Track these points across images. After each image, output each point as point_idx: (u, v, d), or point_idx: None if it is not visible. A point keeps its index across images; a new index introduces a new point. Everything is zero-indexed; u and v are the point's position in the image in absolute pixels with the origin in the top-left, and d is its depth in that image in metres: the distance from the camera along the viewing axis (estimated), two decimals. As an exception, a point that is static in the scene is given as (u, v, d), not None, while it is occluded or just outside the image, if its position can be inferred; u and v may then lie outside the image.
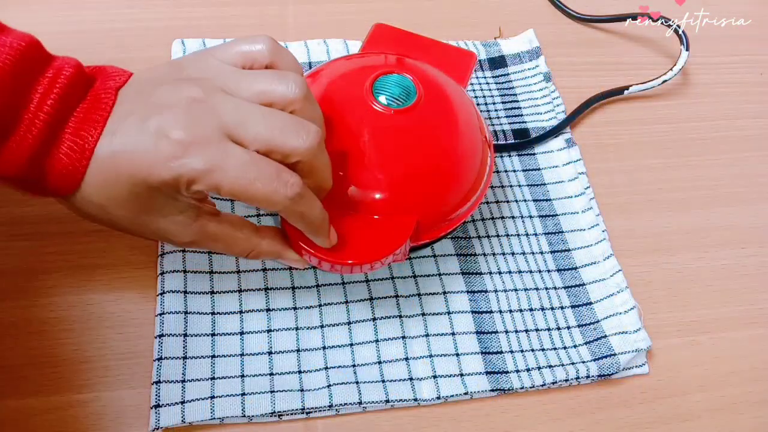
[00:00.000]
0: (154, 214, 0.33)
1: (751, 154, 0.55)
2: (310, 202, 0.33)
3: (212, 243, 0.36)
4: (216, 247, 0.37)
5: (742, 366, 0.43)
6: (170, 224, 0.34)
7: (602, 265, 0.46)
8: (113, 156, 0.31)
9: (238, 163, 0.30)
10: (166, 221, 0.34)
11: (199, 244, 0.36)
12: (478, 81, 0.56)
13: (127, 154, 0.31)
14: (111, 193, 0.32)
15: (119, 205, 0.33)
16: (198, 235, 0.35)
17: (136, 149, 0.31)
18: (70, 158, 0.31)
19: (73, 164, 0.31)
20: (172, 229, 0.34)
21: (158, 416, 0.36)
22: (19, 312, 0.39)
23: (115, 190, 0.32)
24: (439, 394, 0.39)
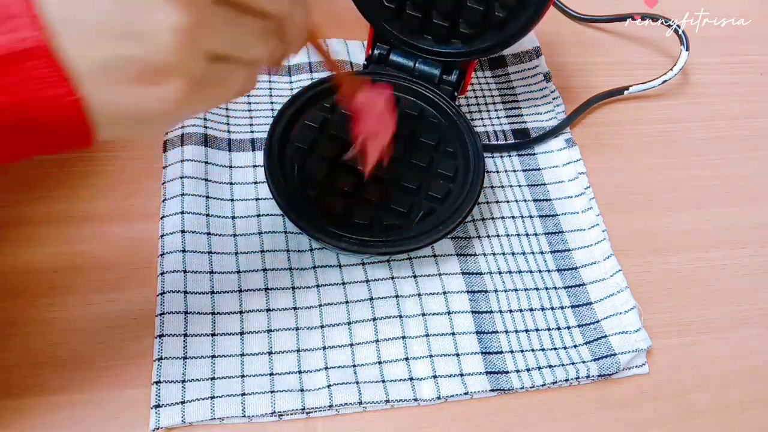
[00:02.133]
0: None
1: (751, 154, 0.55)
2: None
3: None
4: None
5: (742, 366, 0.43)
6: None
7: (602, 265, 0.46)
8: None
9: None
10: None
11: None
12: (478, 81, 0.56)
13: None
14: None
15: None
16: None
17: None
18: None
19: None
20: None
21: (158, 416, 0.36)
22: (19, 312, 0.39)
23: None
24: (439, 394, 0.39)
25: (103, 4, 0.22)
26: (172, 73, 0.24)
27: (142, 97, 0.24)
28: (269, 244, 0.43)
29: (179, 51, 0.23)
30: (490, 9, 0.45)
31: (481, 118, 0.53)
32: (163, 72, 0.24)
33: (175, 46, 0.23)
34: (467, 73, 0.49)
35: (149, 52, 0.23)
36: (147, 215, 0.43)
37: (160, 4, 0.22)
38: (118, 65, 0.23)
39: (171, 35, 0.23)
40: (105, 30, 0.22)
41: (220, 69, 0.26)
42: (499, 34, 0.47)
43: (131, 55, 0.23)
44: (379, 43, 0.49)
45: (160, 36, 0.23)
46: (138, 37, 0.23)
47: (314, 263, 0.43)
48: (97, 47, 0.22)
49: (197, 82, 0.25)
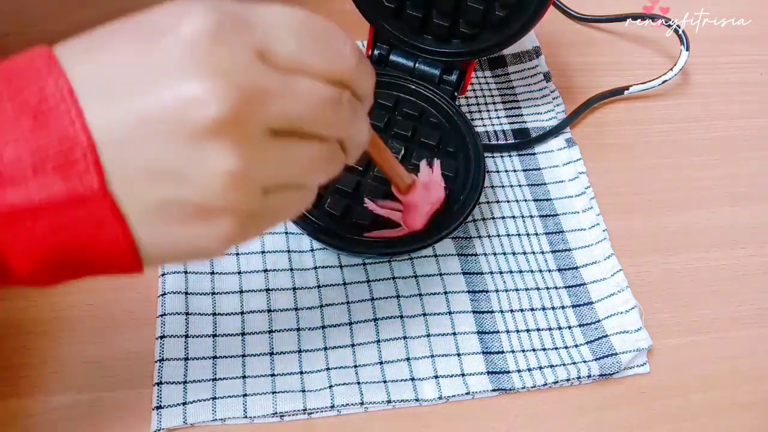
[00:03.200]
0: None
1: (751, 154, 0.55)
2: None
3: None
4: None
5: (742, 366, 0.43)
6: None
7: (603, 265, 0.46)
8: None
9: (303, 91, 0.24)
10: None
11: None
12: (478, 81, 0.56)
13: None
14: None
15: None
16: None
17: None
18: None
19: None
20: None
21: (160, 417, 0.36)
22: (18, 312, 0.39)
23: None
24: (440, 394, 0.39)
25: (156, 149, 0.22)
26: (224, 213, 0.23)
27: (192, 235, 0.24)
28: (270, 244, 0.43)
29: (231, 193, 0.23)
30: (490, 8, 0.46)
31: (481, 118, 0.53)
32: (214, 212, 0.23)
33: (227, 188, 0.23)
34: (467, 73, 0.49)
35: (201, 197, 0.23)
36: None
37: (212, 149, 0.22)
38: (168, 208, 0.23)
39: (223, 179, 0.22)
40: (155, 174, 0.22)
41: (278, 199, 0.25)
42: (499, 33, 0.47)
43: (180, 198, 0.23)
44: (379, 43, 0.49)
45: (212, 180, 0.22)
46: (188, 181, 0.22)
47: (315, 264, 0.43)
48: (149, 191, 0.22)
49: (251, 216, 0.24)
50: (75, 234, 0.22)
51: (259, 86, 0.23)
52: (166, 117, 0.22)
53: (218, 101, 0.22)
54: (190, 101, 0.22)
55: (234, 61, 0.22)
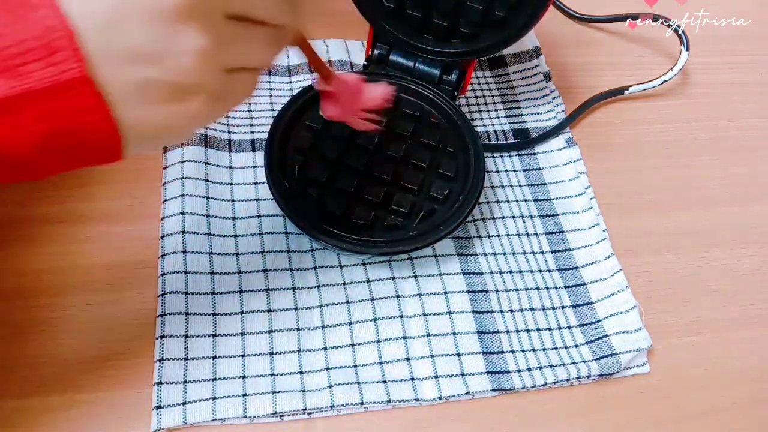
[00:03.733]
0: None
1: (751, 154, 0.55)
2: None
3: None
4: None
5: (742, 366, 0.43)
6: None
7: (603, 265, 0.46)
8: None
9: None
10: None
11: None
12: (478, 81, 0.56)
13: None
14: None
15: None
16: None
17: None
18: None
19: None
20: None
21: (160, 417, 0.36)
22: (19, 312, 0.39)
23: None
24: (440, 394, 0.39)
25: (133, 32, 0.24)
26: (196, 91, 0.26)
27: (169, 114, 0.26)
28: (270, 244, 0.43)
29: (202, 70, 0.25)
30: (490, 8, 0.45)
31: (481, 118, 0.53)
32: (188, 91, 0.26)
33: (198, 66, 0.25)
34: (467, 73, 0.49)
35: (176, 74, 0.25)
36: (147, 216, 0.43)
37: (183, 29, 0.24)
38: (148, 88, 0.25)
39: (194, 57, 0.25)
40: (136, 57, 0.24)
41: (235, 79, 0.28)
42: (499, 33, 0.47)
43: (159, 77, 0.25)
44: (379, 43, 0.49)
45: (186, 59, 0.25)
46: (165, 61, 0.24)
47: (315, 264, 0.43)
48: (129, 73, 0.24)
49: (217, 94, 0.27)
50: (62, 119, 0.24)
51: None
52: (140, 1, 0.23)
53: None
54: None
55: None
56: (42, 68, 0.23)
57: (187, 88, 0.25)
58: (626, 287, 0.44)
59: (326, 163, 0.44)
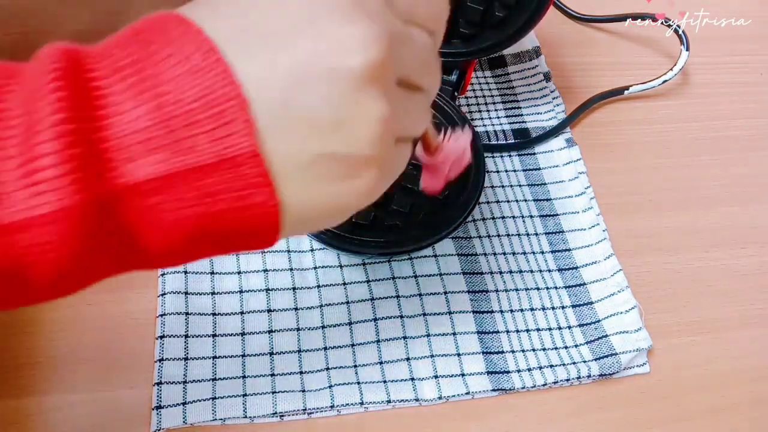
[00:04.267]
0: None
1: (751, 154, 0.55)
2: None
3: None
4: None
5: (742, 366, 0.43)
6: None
7: (603, 265, 0.46)
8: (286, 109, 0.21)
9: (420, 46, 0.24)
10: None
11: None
12: (478, 81, 0.56)
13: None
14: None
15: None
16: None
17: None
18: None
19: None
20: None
21: (160, 417, 0.36)
22: (18, 312, 0.39)
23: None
24: (440, 394, 0.39)
25: (314, 97, 0.21)
26: (370, 164, 0.22)
27: (339, 192, 0.22)
28: (270, 244, 0.43)
29: (380, 141, 0.22)
30: (490, 8, 0.45)
31: (481, 118, 0.53)
32: (363, 165, 0.22)
33: (378, 137, 0.22)
34: (467, 73, 0.49)
35: (355, 147, 0.22)
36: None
37: (367, 95, 0.21)
38: (322, 162, 0.21)
39: (375, 127, 0.21)
40: (314, 125, 0.21)
41: (400, 150, 0.25)
42: (499, 33, 0.47)
43: (336, 150, 0.21)
44: (380, 43, 0.49)
45: (367, 129, 0.21)
46: (345, 130, 0.21)
47: (315, 263, 0.43)
48: (303, 146, 0.21)
49: (387, 168, 0.24)
50: (222, 200, 0.21)
51: (398, 33, 0.22)
52: (321, 64, 0.20)
53: (373, 44, 0.21)
54: (346, 45, 0.20)
55: (375, 6, 0.22)
56: (207, 141, 0.20)
57: (363, 161, 0.22)
58: (626, 287, 0.44)
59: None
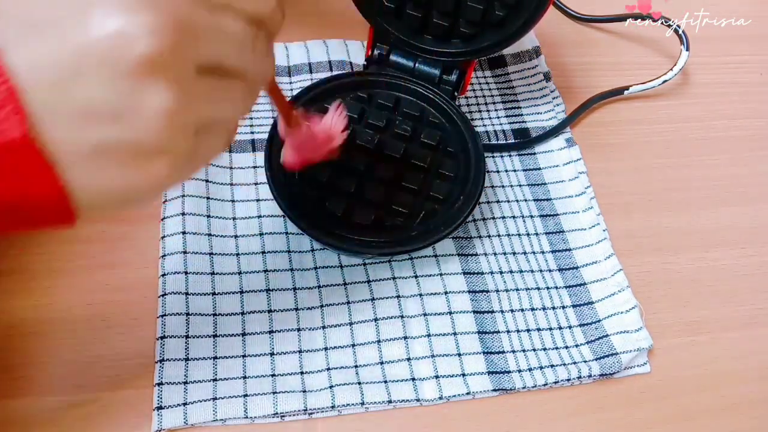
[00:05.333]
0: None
1: (751, 154, 0.55)
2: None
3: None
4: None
5: (742, 366, 0.43)
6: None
7: (603, 265, 0.46)
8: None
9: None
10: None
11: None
12: (477, 81, 0.56)
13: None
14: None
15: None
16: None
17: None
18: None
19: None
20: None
21: (161, 418, 0.36)
22: (19, 312, 0.39)
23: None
24: (441, 394, 0.39)
25: (89, 88, 0.21)
26: (160, 153, 0.23)
27: (129, 179, 0.23)
28: (270, 245, 0.43)
29: (168, 131, 0.22)
30: (490, 8, 0.45)
31: (481, 118, 0.53)
32: (151, 153, 0.22)
33: (164, 127, 0.22)
34: (467, 73, 0.49)
35: (137, 136, 0.22)
36: (148, 217, 0.43)
37: (148, 86, 0.21)
38: (104, 151, 0.22)
39: (160, 118, 0.21)
40: (91, 115, 0.21)
41: (208, 136, 0.25)
42: (499, 33, 0.47)
43: (118, 138, 0.22)
44: (379, 43, 0.49)
45: (150, 119, 0.21)
46: (126, 120, 0.21)
47: (315, 264, 0.43)
48: (83, 134, 0.21)
49: (186, 155, 0.24)
50: (3, 185, 0.21)
51: (190, 21, 0.22)
52: (98, 54, 0.20)
53: (152, 36, 0.20)
54: (122, 35, 0.20)
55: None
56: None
57: (150, 150, 0.22)
58: (627, 287, 0.44)
59: (327, 164, 0.43)
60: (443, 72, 0.49)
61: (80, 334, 0.39)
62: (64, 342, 0.38)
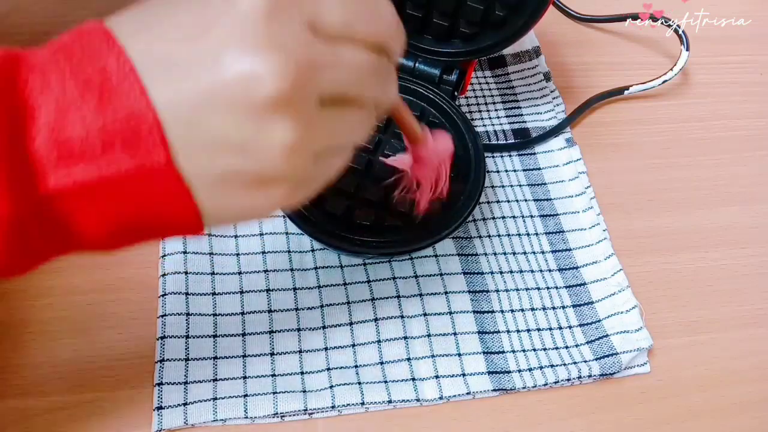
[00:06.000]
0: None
1: (751, 154, 0.55)
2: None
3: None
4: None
5: (742, 366, 0.43)
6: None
7: (603, 265, 0.46)
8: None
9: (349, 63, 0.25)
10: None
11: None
12: (478, 81, 0.56)
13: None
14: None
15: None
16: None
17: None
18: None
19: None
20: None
21: (161, 418, 0.36)
22: (18, 312, 0.39)
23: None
24: (441, 394, 0.39)
25: (219, 124, 0.23)
26: (280, 181, 0.25)
27: (250, 202, 0.25)
28: (270, 245, 0.43)
29: (289, 162, 0.24)
30: (490, 8, 0.45)
31: (481, 117, 0.53)
32: (272, 180, 0.24)
33: (286, 158, 0.24)
34: (467, 73, 0.49)
35: (260, 165, 0.24)
36: (147, 216, 0.43)
37: (273, 121, 0.23)
38: (229, 178, 0.24)
39: (282, 150, 0.23)
40: (219, 148, 0.23)
41: (325, 162, 0.27)
42: (499, 33, 0.47)
43: (242, 169, 0.24)
44: (380, 42, 0.49)
45: (272, 152, 0.23)
46: (250, 153, 0.23)
47: (315, 264, 0.43)
48: (212, 163, 0.23)
49: (303, 181, 0.26)
50: (144, 205, 0.24)
51: (312, 59, 0.23)
52: (226, 93, 0.22)
53: (277, 77, 0.22)
54: (250, 77, 0.22)
55: (289, 36, 0.23)
56: (125, 156, 0.22)
57: (271, 178, 0.24)
58: (627, 287, 0.44)
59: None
60: (443, 72, 0.49)
61: (80, 334, 0.39)
62: (64, 342, 0.38)
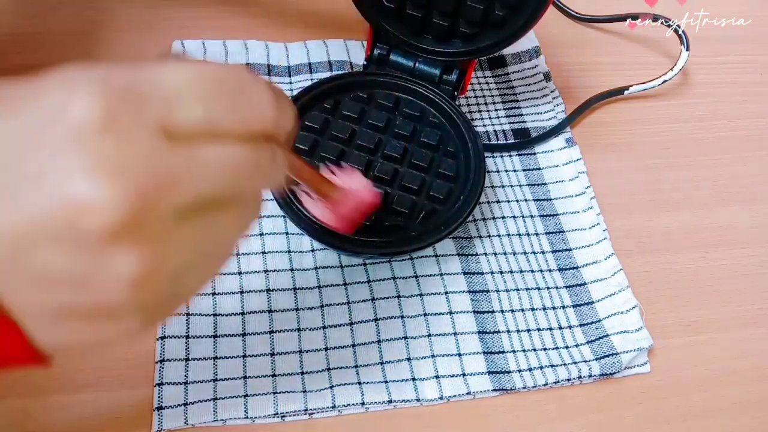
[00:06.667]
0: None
1: (751, 154, 0.55)
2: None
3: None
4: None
5: (742, 366, 0.44)
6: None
7: (603, 265, 0.46)
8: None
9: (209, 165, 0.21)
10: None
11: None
12: (477, 81, 0.56)
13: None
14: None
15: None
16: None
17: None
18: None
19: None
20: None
21: (161, 418, 0.36)
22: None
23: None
24: (441, 394, 0.39)
25: (46, 258, 0.19)
26: (129, 312, 0.21)
27: (99, 334, 0.22)
28: (270, 245, 0.43)
29: (138, 294, 0.20)
30: (490, 8, 0.45)
31: (481, 117, 0.53)
32: (120, 312, 0.21)
33: (133, 291, 0.20)
34: (467, 73, 0.49)
35: (102, 299, 0.20)
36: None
37: (111, 254, 0.19)
38: (67, 313, 0.21)
39: (127, 283, 0.20)
40: (50, 282, 0.20)
41: (193, 278, 0.23)
42: (499, 33, 0.47)
43: (81, 303, 0.20)
44: (379, 43, 0.49)
45: (115, 285, 0.20)
46: (89, 287, 0.20)
47: (316, 264, 0.43)
48: (44, 298, 0.20)
49: (160, 307, 0.22)
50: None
51: (162, 174, 0.20)
52: (51, 224, 0.19)
53: (111, 205, 0.19)
54: (80, 206, 0.18)
55: (130, 151, 0.19)
56: None
57: (118, 310, 0.21)
58: (627, 287, 0.44)
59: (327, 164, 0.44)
60: (443, 72, 0.49)
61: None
62: (65, 342, 0.38)
